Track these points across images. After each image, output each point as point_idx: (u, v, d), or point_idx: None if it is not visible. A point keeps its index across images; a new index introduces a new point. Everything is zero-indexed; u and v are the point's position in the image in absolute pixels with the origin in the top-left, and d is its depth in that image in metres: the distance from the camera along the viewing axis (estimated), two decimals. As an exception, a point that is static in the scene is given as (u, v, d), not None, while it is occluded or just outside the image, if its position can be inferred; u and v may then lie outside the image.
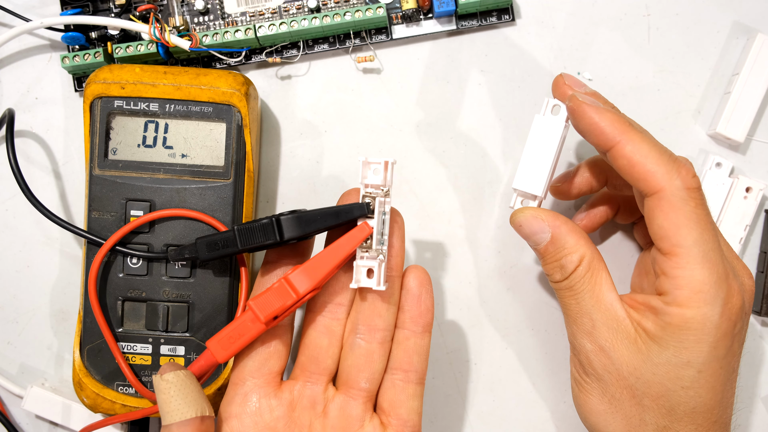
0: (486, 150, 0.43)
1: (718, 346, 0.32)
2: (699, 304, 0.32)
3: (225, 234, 0.35)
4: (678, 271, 0.32)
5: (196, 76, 0.38)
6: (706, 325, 0.32)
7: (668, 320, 0.32)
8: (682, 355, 0.32)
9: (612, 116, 0.33)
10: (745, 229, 0.41)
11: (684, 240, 0.32)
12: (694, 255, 0.32)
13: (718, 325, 0.32)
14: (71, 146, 0.43)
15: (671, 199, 0.32)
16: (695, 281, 0.32)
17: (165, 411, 0.32)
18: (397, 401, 0.35)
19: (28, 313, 0.43)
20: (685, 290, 0.32)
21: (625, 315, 0.34)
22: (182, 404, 0.32)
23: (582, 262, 0.34)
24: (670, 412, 0.33)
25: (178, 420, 0.32)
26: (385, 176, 0.33)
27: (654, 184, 0.32)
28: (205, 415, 0.33)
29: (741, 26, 0.43)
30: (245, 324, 0.34)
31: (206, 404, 0.33)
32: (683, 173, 0.32)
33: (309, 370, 0.36)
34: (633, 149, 0.33)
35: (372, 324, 0.35)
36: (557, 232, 0.35)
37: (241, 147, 0.38)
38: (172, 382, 0.33)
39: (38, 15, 0.43)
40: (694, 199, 0.32)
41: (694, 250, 0.32)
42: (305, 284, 0.33)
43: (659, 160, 0.32)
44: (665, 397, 0.33)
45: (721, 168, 0.42)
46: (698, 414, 0.33)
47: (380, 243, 0.34)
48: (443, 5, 0.41)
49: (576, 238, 0.34)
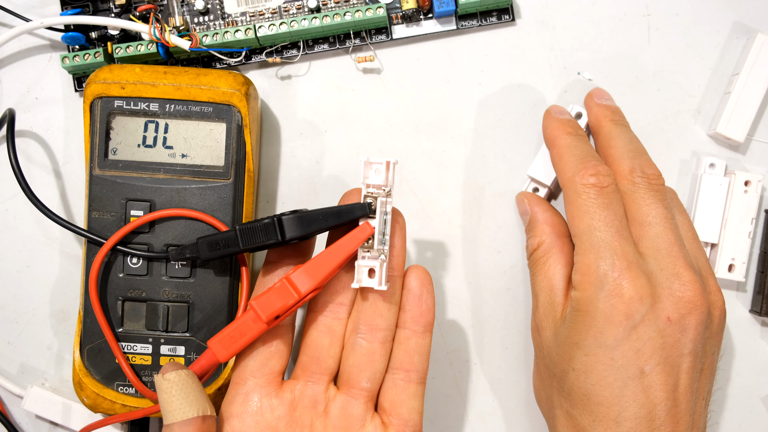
0: (486, 150, 0.43)
1: (604, 333, 0.33)
2: (585, 286, 0.34)
3: (226, 234, 0.35)
4: (576, 257, 0.35)
5: (196, 76, 0.38)
6: (590, 308, 0.34)
7: (572, 303, 0.35)
8: (572, 336, 0.34)
9: (556, 124, 0.39)
10: (752, 223, 0.41)
11: (576, 228, 0.35)
12: (584, 242, 0.35)
13: (603, 311, 0.33)
14: (71, 146, 0.43)
15: (568, 192, 0.36)
16: (584, 265, 0.34)
17: (167, 410, 0.32)
18: (398, 401, 0.35)
19: (28, 313, 0.43)
20: (578, 274, 0.35)
21: (561, 300, 0.36)
22: (184, 403, 0.32)
23: (540, 247, 0.38)
24: (569, 395, 0.35)
25: (180, 419, 0.32)
26: (387, 176, 0.33)
27: (561, 180, 0.37)
28: (206, 414, 0.33)
29: (741, 26, 0.43)
30: (247, 323, 0.34)
31: (208, 404, 0.33)
32: (582, 171, 0.35)
33: (310, 369, 0.36)
34: (555, 153, 0.38)
35: (373, 324, 0.35)
36: (532, 216, 0.39)
37: (241, 147, 0.38)
38: (173, 381, 0.32)
39: (38, 15, 0.43)
40: (587, 193, 0.35)
41: (584, 237, 0.35)
42: (307, 284, 0.33)
43: (568, 161, 0.37)
44: (563, 379, 0.35)
45: (715, 168, 0.42)
46: (593, 404, 0.33)
47: (382, 243, 0.34)
48: (443, 5, 0.41)
49: (542, 225, 0.38)
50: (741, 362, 0.43)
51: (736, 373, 0.42)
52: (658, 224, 0.35)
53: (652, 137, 0.43)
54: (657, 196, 0.36)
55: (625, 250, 0.34)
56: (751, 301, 0.43)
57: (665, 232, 0.35)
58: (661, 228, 0.35)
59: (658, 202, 0.36)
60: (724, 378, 0.42)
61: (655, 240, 0.35)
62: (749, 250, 0.41)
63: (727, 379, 0.42)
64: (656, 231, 0.35)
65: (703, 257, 0.37)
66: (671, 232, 0.35)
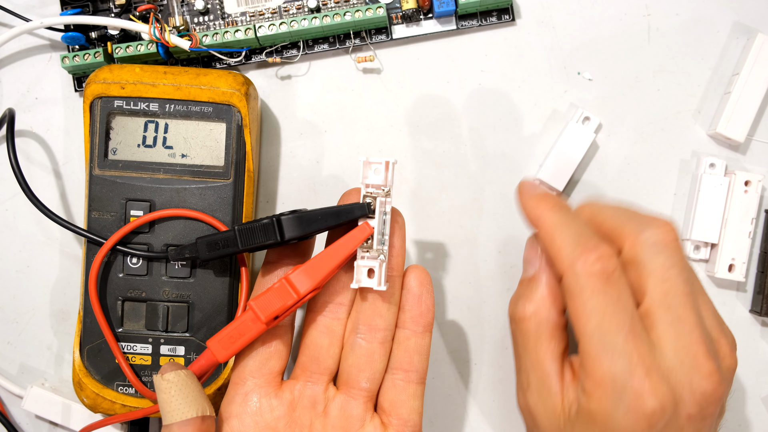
0: (486, 150, 0.43)
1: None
2: (601, 398, 0.30)
3: (226, 234, 0.35)
4: (586, 359, 0.30)
5: (196, 76, 0.38)
6: (607, 424, 0.30)
7: (580, 405, 0.31)
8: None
9: (536, 201, 0.34)
10: (752, 223, 0.41)
11: (583, 327, 0.30)
12: (595, 345, 0.30)
13: (623, 426, 0.29)
14: (71, 146, 0.43)
15: (569, 283, 0.31)
16: (597, 373, 0.30)
17: (166, 411, 0.32)
18: (397, 401, 0.35)
19: (28, 313, 0.43)
20: (589, 380, 0.30)
21: (558, 387, 0.32)
22: (183, 404, 0.32)
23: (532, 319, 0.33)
24: None
25: (179, 420, 0.32)
26: (386, 176, 0.33)
27: (559, 266, 0.31)
28: (206, 414, 0.33)
29: (741, 26, 0.43)
30: (246, 324, 0.34)
31: (207, 404, 0.33)
32: (584, 258, 0.30)
33: (310, 369, 0.36)
34: (543, 235, 0.33)
35: (373, 324, 0.35)
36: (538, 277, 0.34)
37: (241, 147, 0.38)
38: (173, 381, 0.33)
39: (38, 15, 0.43)
40: (592, 286, 0.30)
41: (594, 340, 0.30)
42: (306, 284, 0.33)
43: (563, 244, 0.31)
44: None
45: (715, 168, 0.42)
46: None
47: (381, 243, 0.33)
48: (443, 5, 0.41)
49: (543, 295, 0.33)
50: (741, 362, 0.42)
51: (736, 373, 0.42)
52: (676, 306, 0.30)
53: (652, 137, 0.43)
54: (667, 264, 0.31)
55: (641, 352, 0.30)
56: (751, 301, 0.42)
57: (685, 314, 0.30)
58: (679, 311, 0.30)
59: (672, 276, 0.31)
60: (724, 378, 0.43)
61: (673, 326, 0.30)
62: (749, 250, 0.41)
63: (727, 380, 0.43)
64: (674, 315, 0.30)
65: (716, 320, 0.33)
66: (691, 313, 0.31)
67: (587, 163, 0.43)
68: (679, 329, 0.30)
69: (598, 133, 0.43)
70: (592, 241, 0.31)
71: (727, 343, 0.32)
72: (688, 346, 0.30)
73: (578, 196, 0.43)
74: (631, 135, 0.43)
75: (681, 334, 0.30)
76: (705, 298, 0.33)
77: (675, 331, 0.30)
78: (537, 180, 0.42)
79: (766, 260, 0.42)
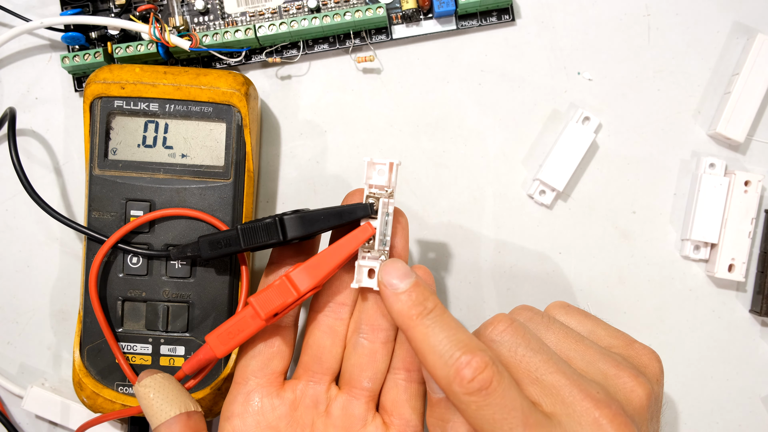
0: (486, 150, 0.43)
1: None
2: None
3: (228, 233, 0.35)
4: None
5: (196, 76, 0.38)
6: None
7: None
8: None
9: (401, 306, 0.31)
10: (752, 223, 0.41)
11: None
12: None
13: None
14: (71, 146, 0.43)
15: (455, 403, 0.30)
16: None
17: (150, 415, 0.33)
18: (399, 401, 0.35)
19: (28, 313, 0.43)
20: None
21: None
22: (164, 404, 0.32)
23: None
24: None
25: (164, 420, 0.32)
26: (390, 177, 0.33)
27: (439, 385, 0.30)
28: (190, 410, 0.33)
29: (741, 26, 0.43)
30: (245, 320, 0.34)
31: (190, 401, 0.33)
32: (458, 379, 0.29)
33: (312, 369, 0.36)
34: (415, 349, 0.31)
35: (375, 324, 0.35)
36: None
37: (241, 147, 0.38)
38: (150, 386, 0.33)
39: (38, 15, 0.43)
40: (475, 403, 0.29)
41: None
42: (306, 282, 0.33)
43: (436, 363, 0.30)
44: None
45: (714, 168, 0.42)
46: None
47: (383, 244, 0.34)
48: (443, 5, 0.41)
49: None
50: (741, 362, 0.43)
51: (736, 373, 0.42)
52: (549, 373, 0.31)
53: (652, 137, 0.43)
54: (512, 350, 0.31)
55: None
56: (751, 301, 0.43)
57: (559, 378, 0.30)
58: (553, 377, 0.31)
59: (520, 355, 0.31)
60: (724, 378, 0.42)
61: (554, 391, 0.30)
62: (749, 250, 0.41)
63: (727, 379, 0.42)
64: (550, 381, 0.30)
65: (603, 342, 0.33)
66: (561, 372, 0.31)
67: (587, 163, 0.43)
68: (560, 393, 0.30)
69: (598, 133, 0.43)
70: (464, 356, 0.29)
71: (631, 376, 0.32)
72: (573, 404, 0.30)
73: (578, 196, 0.43)
74: (631, 135, 0.43)
75: (563, 396, 0.30)
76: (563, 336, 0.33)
77: (557, 398, 0.30)
78: (537, 180, 0.42)
79: (766, 260, 0.42)
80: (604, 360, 0.32)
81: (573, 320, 0.35)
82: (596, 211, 0.43)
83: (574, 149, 0.41)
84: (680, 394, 0.43)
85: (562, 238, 0.43)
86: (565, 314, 0.35)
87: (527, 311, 0.34)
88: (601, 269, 0.43)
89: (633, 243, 0.43)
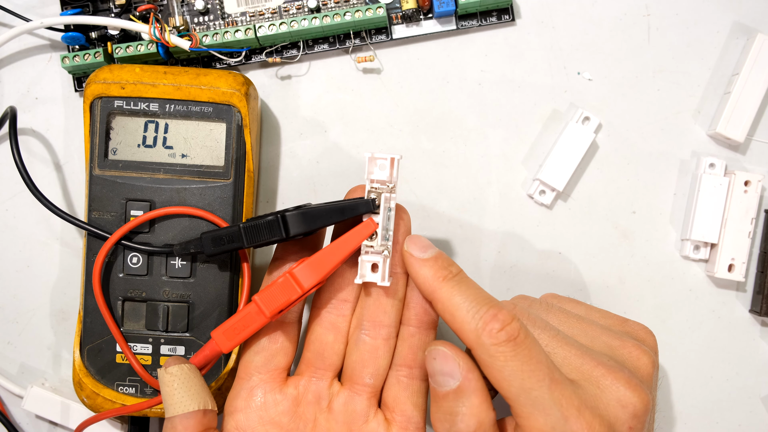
0: (486, 150, 0.43)
1: None
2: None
3: (231, 229, 0.35)
4: (518, 419, 0.31)
5: (196, 76, 0.38)
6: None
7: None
8: None
9: (428, 271, 0.33)
10: (752, 223, 0.41)
11: (507, 392, 0.31)
12: (523, 404, 0.30)
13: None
14: (71, 146, 0.43)
15: (481, 356, 0.31)
16: (534, 429, 0.30)
17: (168, 403, 0.33)
18: (401, 397, 0.35)
19: (28, 313, 0.43)
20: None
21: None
22: (185, 397, 0.33)
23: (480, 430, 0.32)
24: None
25: (181, 412, 0.32)
26: (391, 172, 0.34)
27: (466, 341, 0.32)
28: (207, 408, 0.33)
29: (741, 26, 0.43)
30: (250, 316, 0.34)
31: (209, 398, 0.33)
32: (488, 330, 0.30)
33: (314, 365, 0.36)
34: (441, 309, 0.33)
35: (377, 320, 0.35)
36: (466, 385, 0.32)
37: (241, 147, 0.38)
38: (176, 375, 0.33)
39: (38, 15, 0.43)
40: (503, 354, 0.30)
41: (521, 399, 0.30)
42: (310, 279, 0.33)
43: (464, 318, 0.31)
44: None
45: (714, 168, 0.42)
46: None
47: (385, 239, 0.34)
48: (443, 5, 0.41)
49: (480, 401, 0.32)
50: (741, 362, 0.43)
51: (736, 373, 0.42)
52: (559, 347, 0.32)
53: (652, 137, 0.43)
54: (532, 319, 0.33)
55: (567, 395, 0.30)
56: (751, 301, 0.43)
57: (569, 350, 0.32)
58: (564, 349, 0.32)
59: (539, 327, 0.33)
60: (724, 378, 0.43)
61: (567, 362, 0.32)
62: (749, 250, 0.41)
63: (727, 379, 0.43)
64: (562, 354, 0.32)
65: (612, 330, 0.35)
66: (570, 345, 0.33)
67: (587, 163, 0.43)
68: (568, 364, 0.32)
69: (598, 133, 0.43)
70: (491, 309, 0.31)
71: (635, 346, 0.33)
72: (587, 371, 0.32)
73: (578, 196, 0.43)
74: (631, 135, 0.43)
75: (572, 366, 0.32)
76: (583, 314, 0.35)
77: (568, 367, 0.32)
78: (537, 180, 0.42)
79: (766, 260, 0.42)
80: (606, 334, 0.34)
81: (567, 306, 0.37)
82: (596, 211, 0.43)
83: (574, 149, 0.41)
84: (680, 394, 0.43)
85: (562, 238, 0.43)
86: (558, 302, 0.37)
87: (526, 299, 0.36)
88: (601, 269, 0.43)
89: (633, 243, 0.43)
